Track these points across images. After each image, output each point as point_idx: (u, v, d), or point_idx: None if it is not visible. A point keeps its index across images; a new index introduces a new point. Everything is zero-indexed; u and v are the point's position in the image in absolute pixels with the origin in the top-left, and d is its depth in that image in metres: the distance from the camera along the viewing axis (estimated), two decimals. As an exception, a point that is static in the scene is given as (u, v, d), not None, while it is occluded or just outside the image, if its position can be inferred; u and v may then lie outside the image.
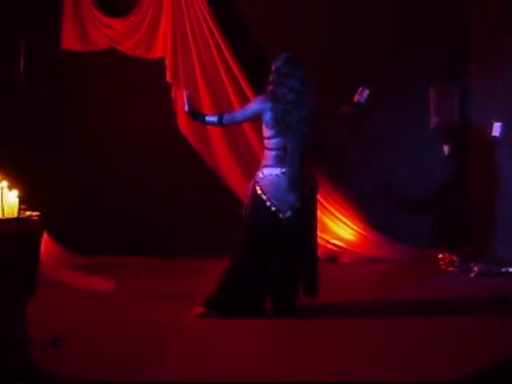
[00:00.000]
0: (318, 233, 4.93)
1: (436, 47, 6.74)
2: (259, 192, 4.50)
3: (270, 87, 4.50)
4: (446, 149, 6.82)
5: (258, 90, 5.29)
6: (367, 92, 4.75)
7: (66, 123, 6.85)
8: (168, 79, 6.71)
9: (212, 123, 4.72)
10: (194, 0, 6.69)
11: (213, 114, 4.91)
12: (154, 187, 6.83)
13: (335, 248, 6.68)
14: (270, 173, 4.49)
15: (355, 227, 6.77)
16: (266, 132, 4.53)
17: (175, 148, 6.79)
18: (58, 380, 3.28)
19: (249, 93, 6.56)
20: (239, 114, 4.75)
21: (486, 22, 6.50)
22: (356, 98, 4.76)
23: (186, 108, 4.58)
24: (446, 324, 4.26)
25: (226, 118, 4.63)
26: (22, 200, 3.50)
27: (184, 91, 4.65)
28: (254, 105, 4.63)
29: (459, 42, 6.78)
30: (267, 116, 4.47)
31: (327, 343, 3.90)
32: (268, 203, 4.47)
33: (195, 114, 4.67)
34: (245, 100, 6.61)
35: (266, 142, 4.56)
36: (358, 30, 6.82)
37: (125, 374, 3.39)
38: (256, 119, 4.70)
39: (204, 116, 4.73)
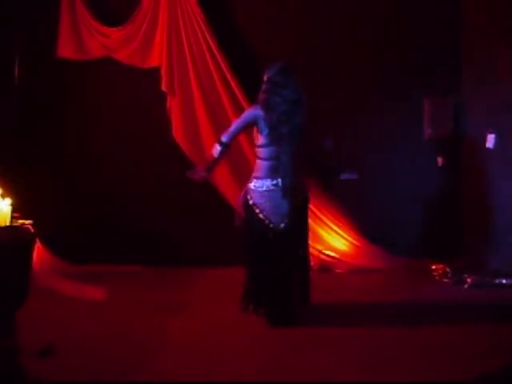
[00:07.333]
0: (312, 243, 4.94)
1: (431, 60, 6.77)
2: (251, 203, 4.50)
3: (263, 96, 4.50)
4: (439, 160, 6.84)
5: (253, 99, 5.29)
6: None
7: (60, 132, 6.83)
8: (163, 88, 6.72)
9: (221, 152, 4.53)
10: (190, 10, 6.70)
11: (214, 146, 4.62)
12: (148, 197, 6.81)
13: (329, 258, 6.66)
14: (261, 185, 4.49)
15: (349, 238, 6.76)
16: (259, 140, 4.53)
17: (171, 158, 6.78)
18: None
19: (243, 102, 6.56)
20: (233, 127, 4.59)
21: (480, 34, 6.53)
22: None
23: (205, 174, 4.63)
24: (438, 335, 4.26)
25: (223, 137, 4.54)
26: (15, 208, 3.49)
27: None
28: (247, 114, 4.63)
29: (454, 54, 6.82)
30: (260, 125, 4.47)
31: (320, 355, 3.89)
32: (260, 215, 4.47)
33: (213, 167, 4.65)
34: (239, 109, 6.60)
35: (258, 150, 4.56)
36: (353, 41, 6.85)
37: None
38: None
39: (214, 158, 4.57)
